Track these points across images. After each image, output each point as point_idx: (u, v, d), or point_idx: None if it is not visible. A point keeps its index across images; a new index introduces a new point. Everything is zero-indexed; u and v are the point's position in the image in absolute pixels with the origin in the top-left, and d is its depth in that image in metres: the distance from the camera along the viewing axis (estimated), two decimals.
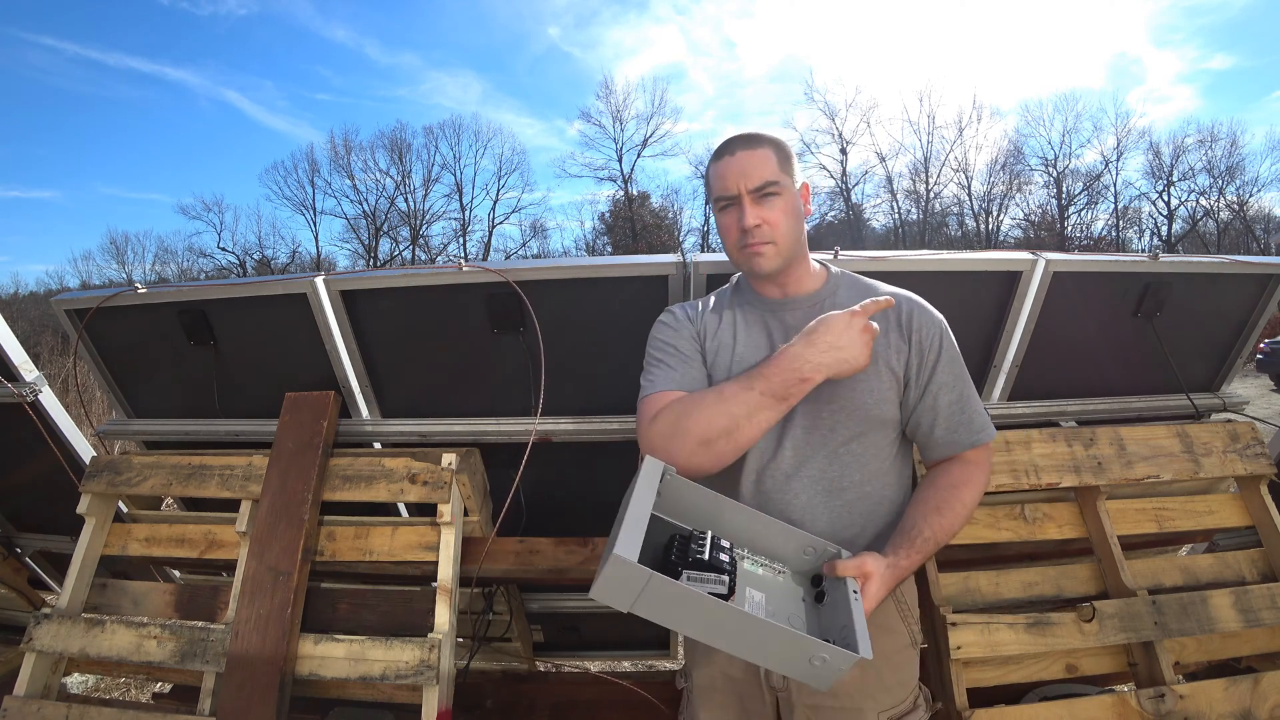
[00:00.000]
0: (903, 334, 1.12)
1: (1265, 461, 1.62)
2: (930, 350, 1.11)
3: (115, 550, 1.72)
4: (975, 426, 1.13)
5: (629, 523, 0.91)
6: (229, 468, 1.67)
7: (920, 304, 1.15)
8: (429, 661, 1.40)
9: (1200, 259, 1.73)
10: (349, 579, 1.71)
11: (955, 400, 1.12)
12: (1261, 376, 12.43)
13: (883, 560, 1.02)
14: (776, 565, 1.05)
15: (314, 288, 1.61)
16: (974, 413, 1.13)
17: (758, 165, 1.08)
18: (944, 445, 1.14)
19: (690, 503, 1.05)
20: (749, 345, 1.16)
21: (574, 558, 1.63)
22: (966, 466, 1.14)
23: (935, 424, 1.13)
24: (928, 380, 1.11)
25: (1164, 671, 1.40)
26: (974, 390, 1.15)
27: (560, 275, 1.59)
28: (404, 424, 1.78)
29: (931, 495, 1.11)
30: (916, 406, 1.13)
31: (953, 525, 1.09)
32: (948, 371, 1.12)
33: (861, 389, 1.10)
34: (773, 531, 1.04)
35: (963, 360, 1.14)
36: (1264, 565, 1.60)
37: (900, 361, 1.12)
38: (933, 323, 1.13)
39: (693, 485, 1.04)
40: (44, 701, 1.52)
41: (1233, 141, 27.85)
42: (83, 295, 1.79)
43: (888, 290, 1.15)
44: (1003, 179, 32.19)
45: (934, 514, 1.08)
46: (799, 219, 1.12)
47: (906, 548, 1.05)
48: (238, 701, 1.40)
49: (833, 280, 1.19)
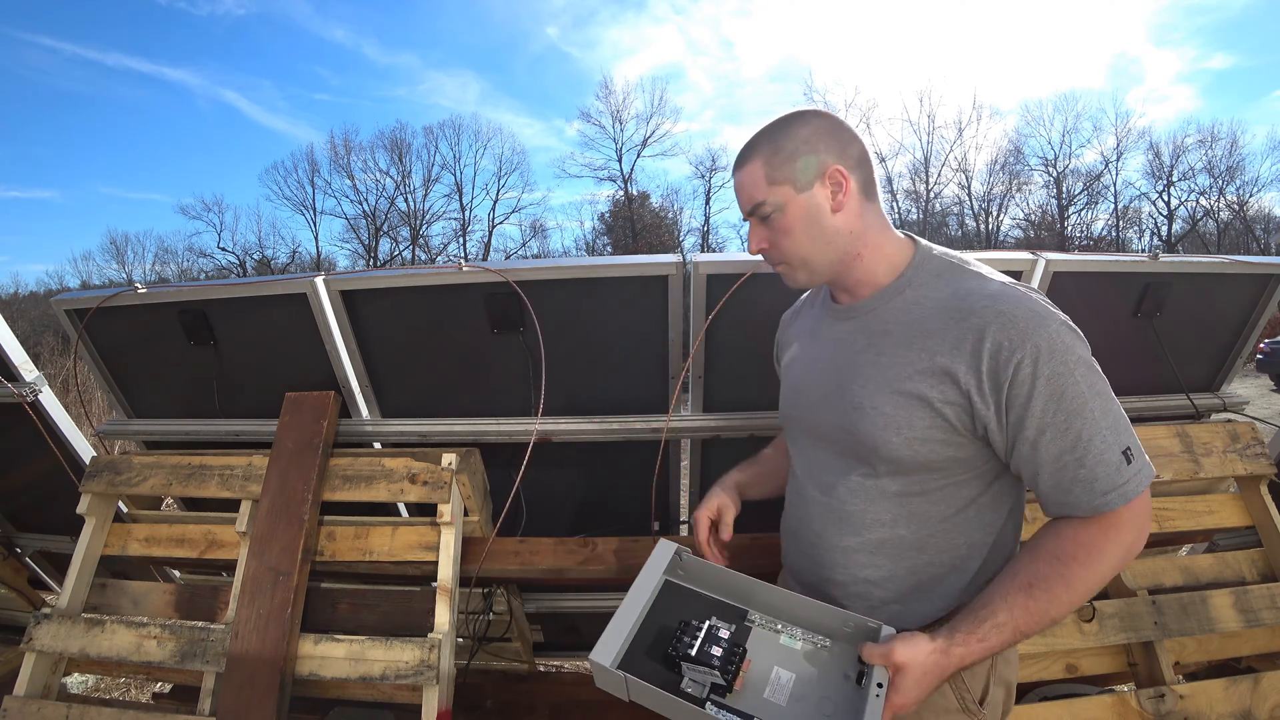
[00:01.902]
0: (967, 360, 0.84)
1: (1265, 461, 1.62)
2: (1019, 383, 0.80)
3: (115, 550, 1.72)
4: (1100, 485, 0.80)
5: (618, 615, 0.91)
6: (229, 468, 1.67)
7: (1010, 314, 0.82)
8: (429, 661, 1.40)
9: (1200, 259, 1.73)
10: (349, 579, 1.71)
11: (1068, 449, 0.81)
12: (1261, 376, 12.43)
13: (927, 645, 0.81)
14: (820, 638, 0.94)
15: (314, 288, 1.61)
16: (1097, 465, 0.80)
17: (744, 185, 0.95)
18: (1055, 505, 0.85)
19: (716, 581, 1.01)
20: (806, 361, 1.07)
21: (574, 558, 1.63)
22: (1090, 532, 0.83)
23: (1039, 478, 0.84)
24: (1018, 422, 0.82)
25: (1164, 671, 1.40)
26: (1103, 430, 0.80)
27: (560, 275, 1.59)
28: (404, 424, 1.78)
29: (1026, 566, 0.85)
30: (1012, 453, 0.85)
31: (1047, 610, 0.82)
32: (1052, 410, 0.80)
33: (884, 423, 0.89)
34: (806, 607, 0.95)
35: (1088, 389, 0.80)
36: (1264, 565, 1.60)
37: (957, 395, 0.85)
38: (1022, 341, 0.80)
39: (712, 567, 1.02)
40: (44, 701, 1.52)
41: (1233, 141, 27.87)
42: (83, 295, 1.79)
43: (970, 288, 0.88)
44: (1003, 179, 32.18)
45: (1020, 593, 0.82)
46: (813, 227, 0.93)
47: (969, 632, 0.82)
48: (238, 701, 1.40)
49: (910, 269, 0.95)
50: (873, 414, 0.90)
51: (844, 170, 0.92)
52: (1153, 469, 0.84)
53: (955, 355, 0.84)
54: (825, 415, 1.00)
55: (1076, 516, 0.84)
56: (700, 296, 1.57)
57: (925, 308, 0.90)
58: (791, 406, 1.09)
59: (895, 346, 0.91)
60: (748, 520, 1.78)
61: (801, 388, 1.06)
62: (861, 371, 0.94)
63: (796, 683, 0.88)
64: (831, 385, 0.99)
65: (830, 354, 1.01)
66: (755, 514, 1.76)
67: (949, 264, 0.94)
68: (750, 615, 0.98)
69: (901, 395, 0.88)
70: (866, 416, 0.91)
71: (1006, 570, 0.87)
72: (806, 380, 1.06)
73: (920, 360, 0.87)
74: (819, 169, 0.91)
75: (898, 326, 0.92)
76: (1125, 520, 0.82)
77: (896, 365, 0.90)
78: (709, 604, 0.99)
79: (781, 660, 0.91)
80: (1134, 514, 0.82)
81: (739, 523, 1.19)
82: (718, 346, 1.63)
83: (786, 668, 0.90)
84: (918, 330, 0.89)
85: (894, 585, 0.96)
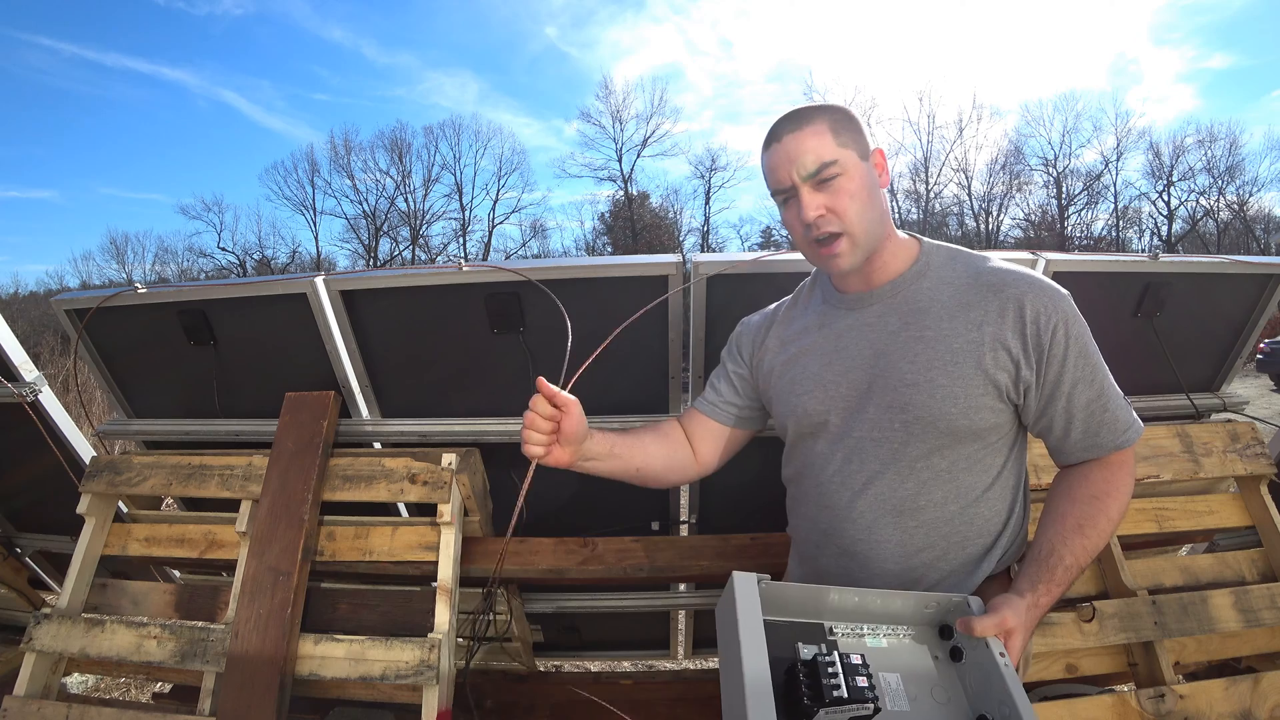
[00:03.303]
0: (1013, 327, 0.91)
1: (1265, 461, 1.62)
2: (1056, 344, 0.91)
3: (115, 550, 1.72)
4: (1120, 424, 0.94)
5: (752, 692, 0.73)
6: (229, 468, 1.67)
7: (1037, 284, 0.92)
8: (429, 661, 1.40)
9: (1200, 259, 1.73)
10: (349, 579, 1.71)
11: (1095, 397, 0.93)
12: (1261, 376, 12.45)
13: (1022, 603, 0.85)
14: (900, 629, 0.91)
15: (314, 288, 1.61)
16: (1117, 408, 0.94)
17: (809, 146, 0.91)
18: (1082, 449, 0.96)
19: (793, 600, 0.90)
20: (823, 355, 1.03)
21: (574, 558, 1.63)
22: (1110, 470, 0.95)
23: (1071, 427, 0.95)
24: (1056, 380, 0.92)
25: (1164, 671, 1.40)
26: (1112, 380, 0.95)
27: (560, 275, 1.59)
28: (404, 424, 1.78)
29: (1071, 510, 0.93)
30: (1046, 411, 0.95)
31: (1097, 545, 0.92)
32: (1080, 365, 0.92)
33: (942, 395, 0.92)
34: (886, 600, 0.90)
35: (1094, 347, 0.94)
36: (1264, 565, 1.60)
37: (1008, 362, 0.92)
38: (1054, 308, 0.91)
39: (791, 585, 0.89)
40: (44, 701, 1.52)
41: (1232, 141, 27.92)
42: (83, 295, 1.79)
43: (990, 266, 0.96)
44: (1003, 179, 32.23)
45: (1075, 534, 0.91)
46: (873, 196, 0.94)
47: (1047, 581, 0.88)
48: (238, 701, 1.40)
49: (924, 256, 1.00)
50: (928, 388, 0.93)
51: (883, 153, 0.98)
52: None
53: (1001, 323, 0.92)
54: (870, 401, 0.97)
55: (1094, 459, 0.95)
56: (700, 297, 1.57)
57: (956, 285, 0.96)
58: (817, 402, 1.03)
59: (938, 321, 0.95)
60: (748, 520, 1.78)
61: (826, 381, 1.02)
62: (908, 349, 0.95)
63: (904, 682, 0.83)
64: (874, 370, 0.98)
65: (859, 340, 1.00)
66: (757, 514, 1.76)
67: (955, 250, 1.02)
68: (832, 629, 0.89)
69: (954, 365, 0.92)
70: (922, 391, 0.93)
71: (1051, 516, 0.95)
72: (830, 374, 1.02)
73: (969, 331, 0.92)
74: (868, 146, 0.96)
75: (934, 304, 0.96)
76: (1128, 458, 0.96)
77: (945, 338, 0.93)
78: (790, 629, 0.87)
79: (879, 664, 0.84)
80: (1133, 451, 0.97)
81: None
82: (717, 346, 1.63)
83: (888, 670, 0.84)
84: (958, 303, 0.94)
85: (946, 564, 0.98)
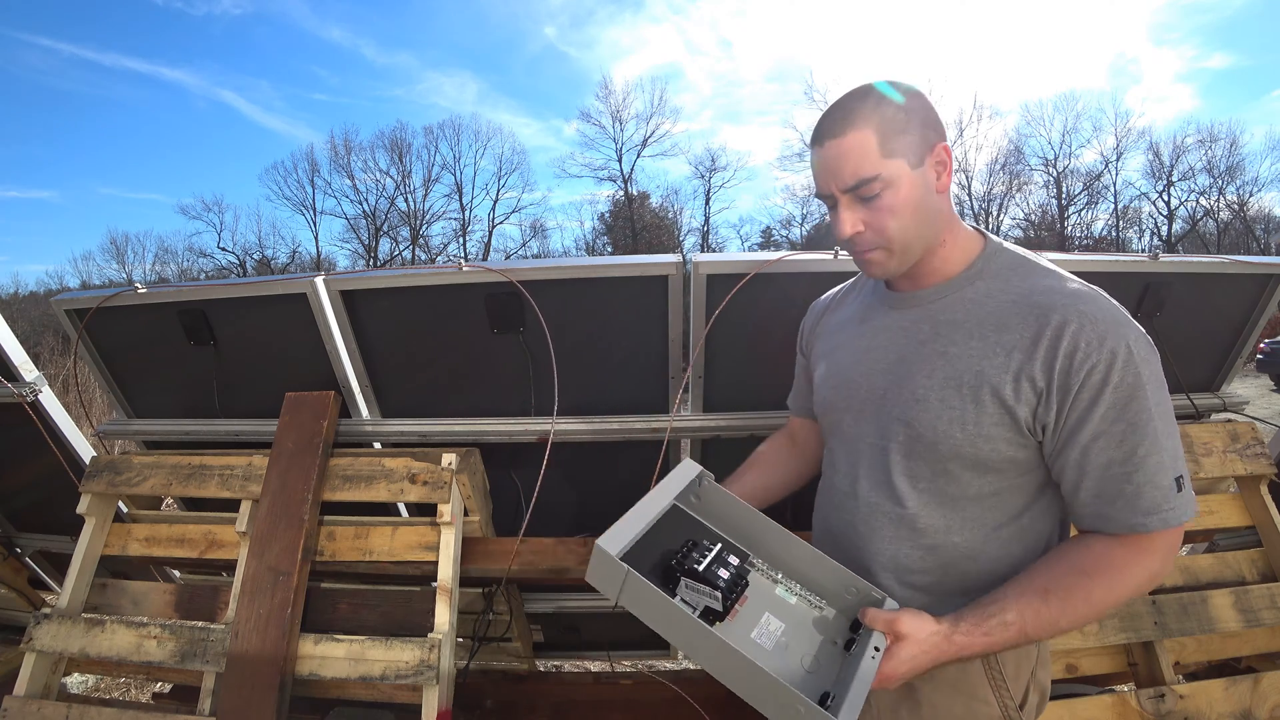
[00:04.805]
0: (1044, 358, 0.80)
1: (1265, 461, 1.62)
2: (1089, 386, 0.78)
3: (115, 550, 1.72)
4: (1145, 504, 0.78)
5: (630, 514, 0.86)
6: (229, 468, 1.67)
7: (1094, 314, 0.79)
8: (429, 661, 1.40)
9: (1200, 259, 1.73)
10: (349, 579, 1.71)
11: (1119, 460, 0.78)
12: (1261, 376, 12.44)
13: (932, 625, 0.81)
14: (816, 599, 0.93)
15: (314, 288, 1.61)
16: (1149, 485, 0.78)
17: (850, 158, 0.83)
18: (1090, 515, 0.83)
19: (730, 516, 0.96)
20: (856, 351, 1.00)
21: (574, 558, 1.63)
22: (1117, 550, 0.81)
23: (1081, 485, 0.82)
24: (1075, 426, 0.80)
25: (1164, 671, 1.40)
26: (1163, 452, 0.78)
27: (560, 275, 1.59)
28: (404, 424, 1.78)
29: (1045, 572, 0.83)
30: (1058, 458, 0.83)
31: (1058, 621, 0.80)
32: (1112, 419, 0.78)
33: (950, 418, 0.85)
34: (813, 563, 0.92)
35: (1155, 406, 0.78)
36: (1264, 565, 1.60)
37: (1031, 395, 0.81)
38: (1101, 345, 0.77)
39: (731, 498, 0.96)
40: (44, 701, 1.52)
41: (1232, 141, 27.91)
42: (83, 295, 1.79)
43: (1047, 284, 0.85)
44: (1003, 179, 32.21)
45: (1035, 597, 0.81)
46: (921, 208, 0.85)
47: (975, 624, 0.81)
48: (238, 701, 1.40)
49: (981, 260, 0.90)
50: (937, 407, 0.86)
51: (949, 149, 0.87)
52: (1197, 506, 0.81)
53: (1031, 352, 0.81)
54: (884, 408, 0.93)
55: (1108, 533, 0.82)
56: (700, 296, 1.57)
57: (1000, 300, 0.86)
58: (838, 399, 1.01)
59: (966, 338, 0.86)
60: None
61: (850, 379, 0.99)
62: (927, 362, 0.89)
63: (785, 633, 0.87)
64: (891, 377, 0.93)
65: (888, 343, 0.95)
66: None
67: (1022, 259, 0.90)
68: (752, 559, 0.94)
69: (970, 389, 0.84)
70: (930, 409, 0.87)
71: (1026, 572, 0.85)
72: (856, 372, 0.99)
73: (994, 354, 0.83)
74: (928, 145, 0.85)
75: (969, 318, 0.87)
76: (1158, 546, 0.80)
77: (967, 357, 0.86)
78: (713, 537, 0.95)
79: (774, 609, 0.89)
80: (1167, 542, 0.81)
81: None
82: (718, 346, 1.63)
83: (777, 617, 0.88)
84: (992, 323, 0.85)
85: (940, 589, 0.92)
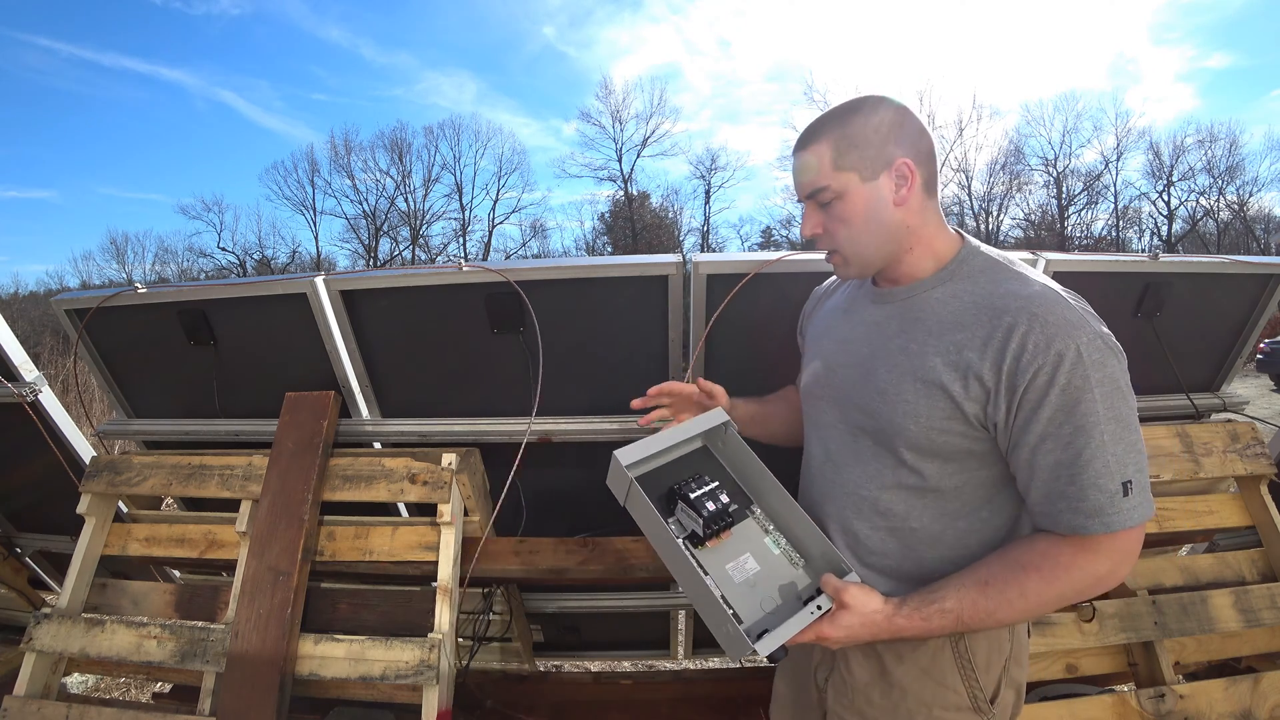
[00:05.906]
0: (993, 358, 0.83)
1: (1265, 461, 1.62)
2: (1035, 388, 0.79)
3: (115, 550, 1.72)
4: (1088, 507, 0.79)
5: (652, 437, 1.02)
6: (229, 468, 1.67)
7: (1046, 318, 0.80)
8: (429, 661, 1.40)
9: (1200, 259, 1.73)
10: (349, 579, 1.71)
11: (1065, 463, 0.79)
12: (1261, 376, 12.45)
13: (877, 602, 0.87)
14: (797, 557, 1.01)
15: (314, 288, 1.61)
16: (1089, 487, 0.78)
17: (808, 169, 0.93)
18: (1039, 514, 0.85)
19: (746, 466, 1.07)
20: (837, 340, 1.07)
21: (574, 558, 1.63)
22: (1062, 549, 0.82)
23: (1031, 485, 0.84)
24: (1023, 427, 0.82)
25: (1164, 671, 1.40)
26: (1109, 456, 0.78)
27: (560, 275, 1.59)
28: (404, 424, 1.78)
29: (987, 565, 0.86)
30: (1011, 455, 0.85)
31: (995, 612, 0.83)
32: (1060, 422, 0.79)
33: (904, 410, 0.90)
34: (803, 526, 1.00)
35: (1105, 410, 0.78)
36: (1264, 565, 1.60)
37: (979, 392, 0.84)
38: (1048, 348, 0.78)
39: (747, 451, 1.07)
40: (44, 701, 1.52)
41: (1232, 141, 27.91)
42: (83, 295, 1.78)
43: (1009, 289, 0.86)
44: (1003, 179, 32.24)
45: (974, 588, 0.85)
46: (870, 220, 0.91)
47: (916, 609, 0.86)
48: (238, 701, 1.40)
49: (955, 263, 0.94)
50: (895, 400, 0.91)
51: (912, 164, 0.90)
52: (1152, 508, 0.81)
53: (983, 352, 0.84)
54: (851, 397, 1.00)
55: (1055, 532, 0.83)
56: (700, 296, 1.57)
57: (963, 302, 0.90)
58: (818, 384, 1.09)
59: (926, 336, 0.91)
60: None
61: (831, 367, 1.06)
62: (891, 358, 0.95)
63: (757, 574, 0.97)
64: (861, 369, 0.99)
65: (863, 336, 1.01)
66: None
67: (993, 262, 0.93)
68: (753, 507, 1.05)
69: (924, 384, 0.89)
70: (889, 402, 0.92)
71: (973, 564, 0.89)
72: (836, 360, 1.06)
73: (948, 353, 0.87)
74: (887, 160, 0.90)
75: (931, 317, 0.92)
76: (1102, 549, 0.81)
77: (924, 355, 0.90)
78: (725, 479, 1.07)
79: (756, 553, 0.99)
80: (1114, 546, 0.81)
81: None
82: (718, 346, 1.63)
83: (756, 560, 0.98)
84: (951, 323, 0.89)
85: (899, 574, 0.97)
